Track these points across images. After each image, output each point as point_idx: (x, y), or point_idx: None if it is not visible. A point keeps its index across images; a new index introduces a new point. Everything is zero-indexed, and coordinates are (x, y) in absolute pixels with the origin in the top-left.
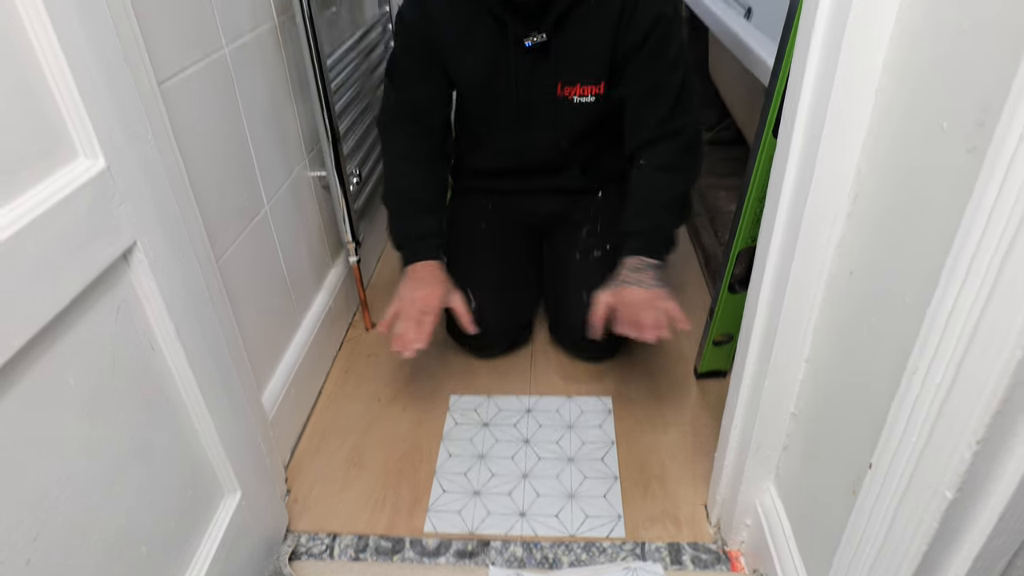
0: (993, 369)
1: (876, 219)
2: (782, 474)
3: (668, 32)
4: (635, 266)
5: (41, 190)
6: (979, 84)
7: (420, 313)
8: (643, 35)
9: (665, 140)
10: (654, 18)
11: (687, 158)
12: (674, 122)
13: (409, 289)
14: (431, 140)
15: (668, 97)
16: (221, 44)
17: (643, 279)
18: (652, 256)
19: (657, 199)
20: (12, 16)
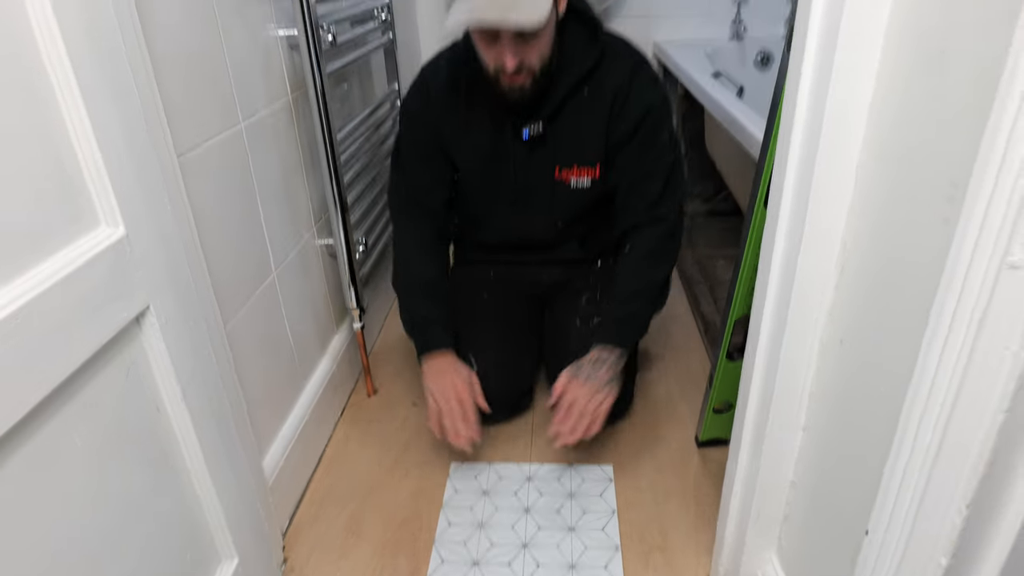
0: (977, 434)
1: (862, 289)
2: (784, 544)
3: (657, 121)
4: (597, 357)
5: (65, 255)
6: (948, 163)
7: (461, 407)
8: (634, 125)
9: (650, 226)
10: (644, 109)
11: (669, 244)
12: (660, 208)
13: (437, 385)
14: (436, 224)
15: (656, 185)
16: (238, 119)
17: (596, 374)
18: (619, 344)
19: (638, 288)
20: (47, 93)
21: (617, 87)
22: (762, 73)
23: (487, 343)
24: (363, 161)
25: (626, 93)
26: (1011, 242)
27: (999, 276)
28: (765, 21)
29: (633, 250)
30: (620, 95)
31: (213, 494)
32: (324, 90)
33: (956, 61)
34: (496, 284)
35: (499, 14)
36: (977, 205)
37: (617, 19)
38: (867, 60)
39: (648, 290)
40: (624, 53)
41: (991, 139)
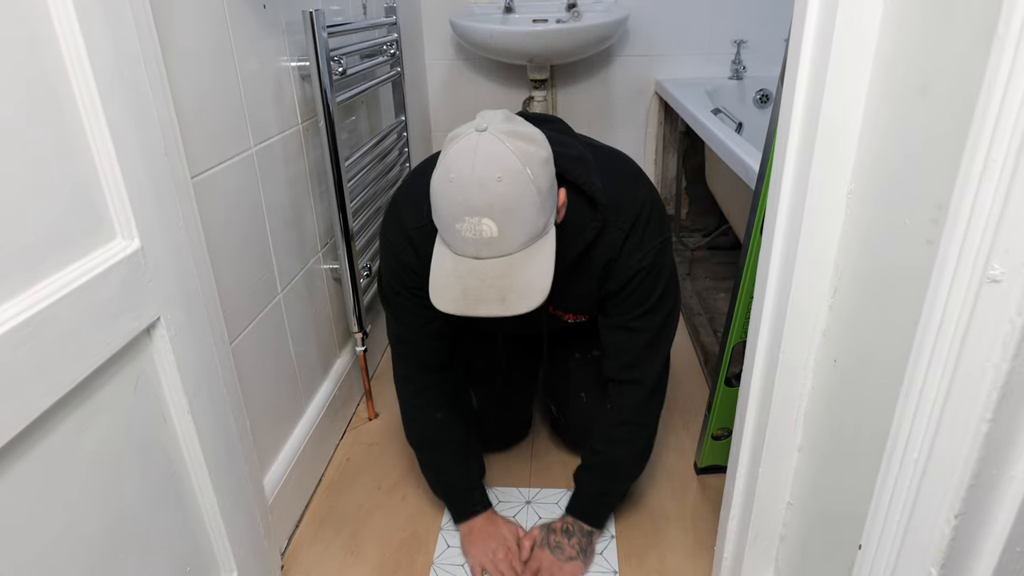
0: (963, 444)
1: (854, 309)
2: (781, 566)
3: (646, 281)
4: (565, 527)
5: (82, 265)
6: (932, 186)
7: (512, 571)
8: (621, 285)
9: (629, 386)
10: (631, 274)
11: (646, 413)
12: (639, 370)
13: (485, 554)
14: (447, 366)
15: (637, 342)
16: (249, 144)
17: (564, 545)
18: (589, 523)
19: (612, 462)
20: (73, 114)
21: (608, 258)
22: (761, 111)
23: (484, 378)
24: (369, 189)
25: (616, 259)
26: (990, 257)
27: (980, 290)
28: (764, 62)
29: (615, 412)
30: (610, 263)
31: (214, 505)
32: (333, 119)
33: (937, 94)
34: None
35: (498, 307)
36: (958, 222)
37: (619, 58)
38: (855, 94)
39: (624, 462)
40: (623, 215)
41: (970, 160)
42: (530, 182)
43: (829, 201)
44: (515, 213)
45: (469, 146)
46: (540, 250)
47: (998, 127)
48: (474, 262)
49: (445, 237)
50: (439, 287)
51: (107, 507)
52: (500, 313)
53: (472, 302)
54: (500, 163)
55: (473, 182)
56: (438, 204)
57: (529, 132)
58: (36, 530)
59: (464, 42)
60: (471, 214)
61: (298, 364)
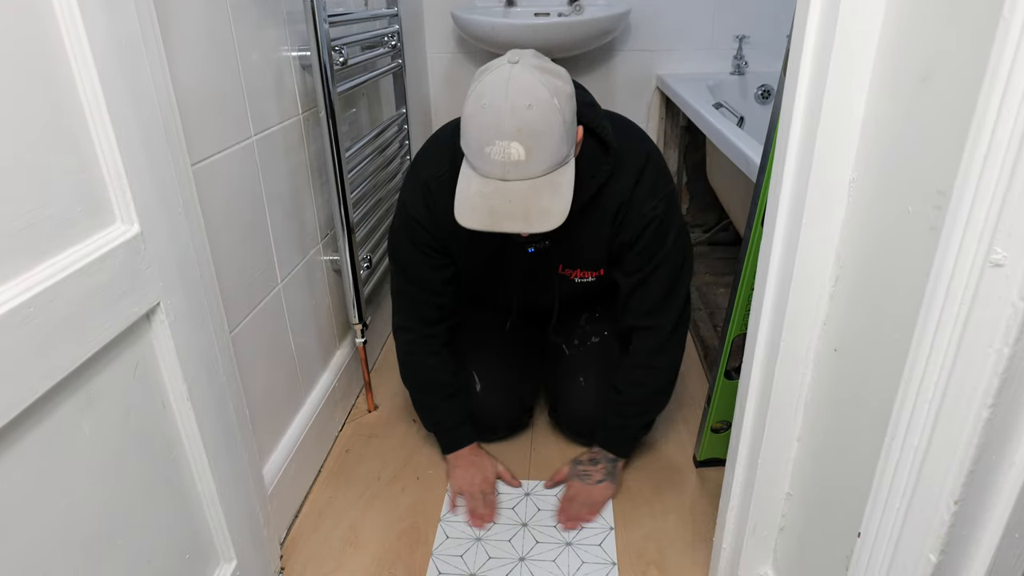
0: (963, 430)
1: (856, 298)
2: (779, 557)
3: (659, 231)
4: (592, 457)
5: (82, 248)
6: (935, 173)
7: (483, 494)
8: (634, 236)
9: (647, 332)
10: (645, 222)
11: (664, 354)
12: (657, 316)
13: (465, 478)
14: (444, 322)
15: (655, 292)
16: (250, 133)
17: (591, 472)
18: (613, 451)
19: (632, 400)
20: (72, 98)
21: (620, 201)
22: (762, 107)
23: (489, 363)
24: (370, 181)
25: (627, 205)
26: (993, 241)
27: (982, 274)
28: (766, 58)
29: (633, 355)
30: (622, 208)
31: (214, 493)
32: (334, 109)
33: (941, 81)
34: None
35: (521, 224)
36: (961, 206)
37: (621, 52)
38: (858, 82)
39: (640, 402)
40: (630, 161)
41: (973, 144)
42: (557, 111)
43: (831, 190)
44: (542, 139)
45: (502, 76)
46: (562, 176)
47: (1002, 111)
48: (500, 183)
49: (473, 161)
50: (465, 206)
51: (106, 492)
52: (523, 229)
53: (497, 218)
54: (531, 92)
55: (505, 108)
56: (469, 128)
57: (556, 68)
58: (34, 513)
59: (466, 35)
60: (501, 137)
61: (298, 355)
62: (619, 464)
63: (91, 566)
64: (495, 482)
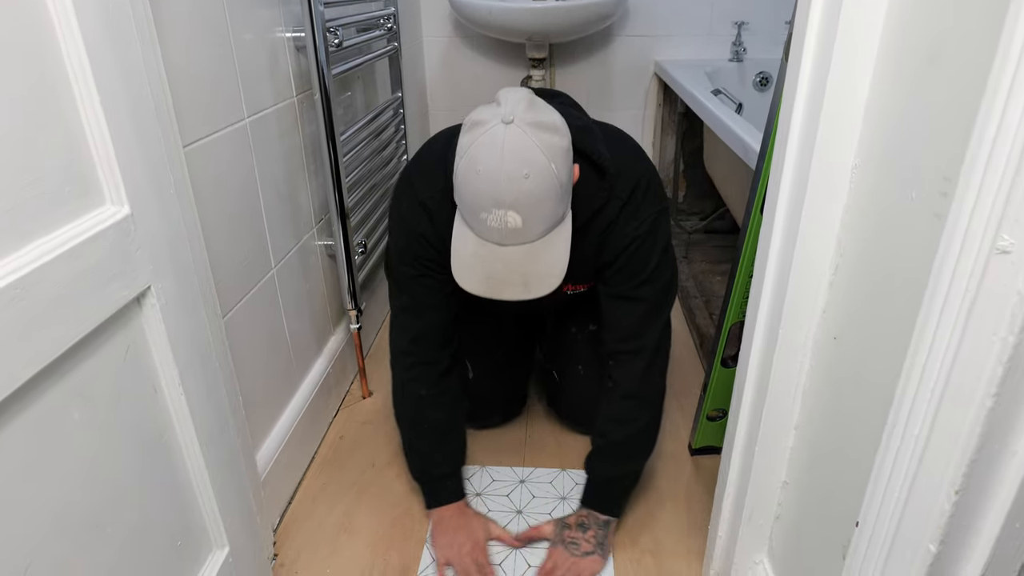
0: (966, 419)
1: (857, 286)
2: (775, 545)
3: (643, 249)
4: (580, 521)
5: (70, 229)
6: (941, 158)
7: (476, 565)
8: (617, 253)
9: (628, 357)
10: (627, 241)
11: (647, 385)
12: (637, 340)
13: (452, 547)
14: (447, 344)
15: (635, 311)
16: (243, 115)
17: (579, 541)
18: (604, 512)
19: (618, 442)
20: (60, 73)
21: (608, 223)
22: (761, 94)
23: (481, 349)
24: (365, 166)
25: (613, 226)
26: (1000, 227)
27: (989, 261)
28: (765, 44)
29: (614, 387)
30: (608, 228)
31: (206, 479)
32: (329, 91)
33: (948, 63)
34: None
35: (520, 292)
36: (968, 192)
37: (619, 38)
38: (862, 65)
39: (632, 441)
40: (622, 183)
41: (982, 128)
42: (554, 176)
43: (833, 176)
44: (539, 207)
45: (497, 140)
46: (559, 236)
47: (1012, 93)
48: (498, 248)
49: (469, 221)
50: (463, 267)
51: (96, 479)
52: (523, 297)
53: (496, 286)
54: (527, 159)
55: (501, 177)
56: (464, 193)
57: (552, 121)
58: (22, 500)
59: (462, 18)
60: (498, 207)
61: (292, 340)
62: (611, 528)
63: (81, 553)
64: (487, 548)
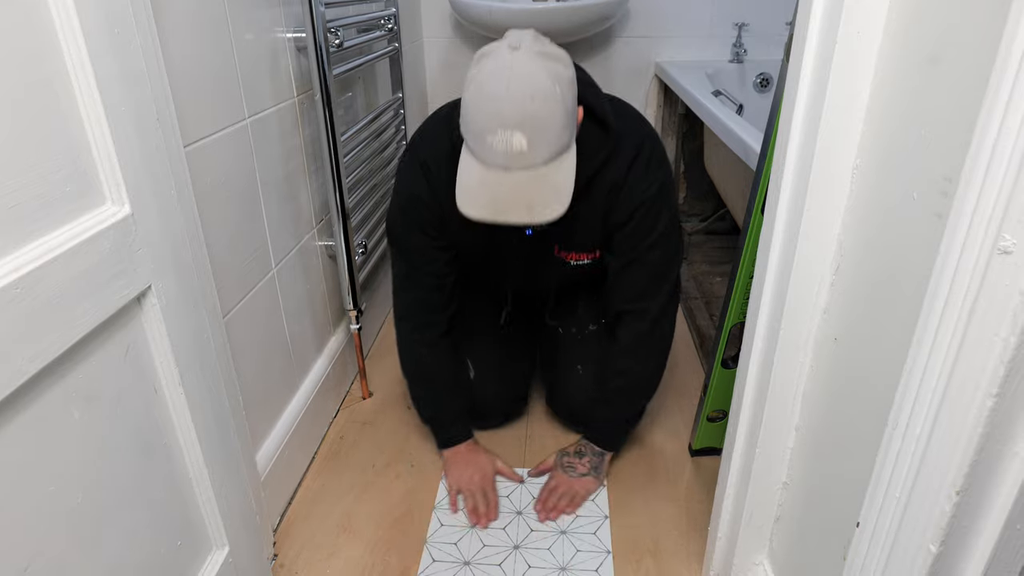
0: (967, 419)
1: (857, 287)
2: (775, 547)
3: (651, 213)
4: (578, 449)
5: (70, 229)
6: (943, 158)
7: (483, 492)
8: (627, 216)
9: (634, 317)
10: (636, 203)
11: (651, 339)
12: (644, 300)
13: (463, 476)
14: (445, 307)
15: (644, 274)
16: (244, 115)
17: (575, 464)
18: (600, 445)
19: (618, 389)
20: (61, 74)
21: (614, 181)
22: (761, 95)
23: (484, 350)
24: (365, 166)
25: (621, 186)
26: (1002, 228)
27: (990, 262)
28: (765, 46)
29: (618, 343)
30: (615, 188)
31: (206, 479)
32: (330, 91)
33: (950, 63)
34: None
35: (524, 215)
36: (970, 192)
37: (619, 39)
38: (864, 65)
39: (625, 391)
40: (627, 143)
41: (983, 128)
42: (559, 100)
43: (834, 176)
44: (544, 129)
45: (504, 63)
46: (564, 163)
47: (1014, 94)
48: (503, 173)
49: (474, 148)
50: (467, 195)
51: (96, 477)
52: (527, 220)
53: (501, 209)
54: (533, 81)
55: (507, 98)
56: (471, 117)
57: (557, 52)
58: (23, 499)
59: (462, 19)
60: (504, 127)
61: (292, 341)
62: (606, 458)
63: (81, 552)
64: (494, 479)
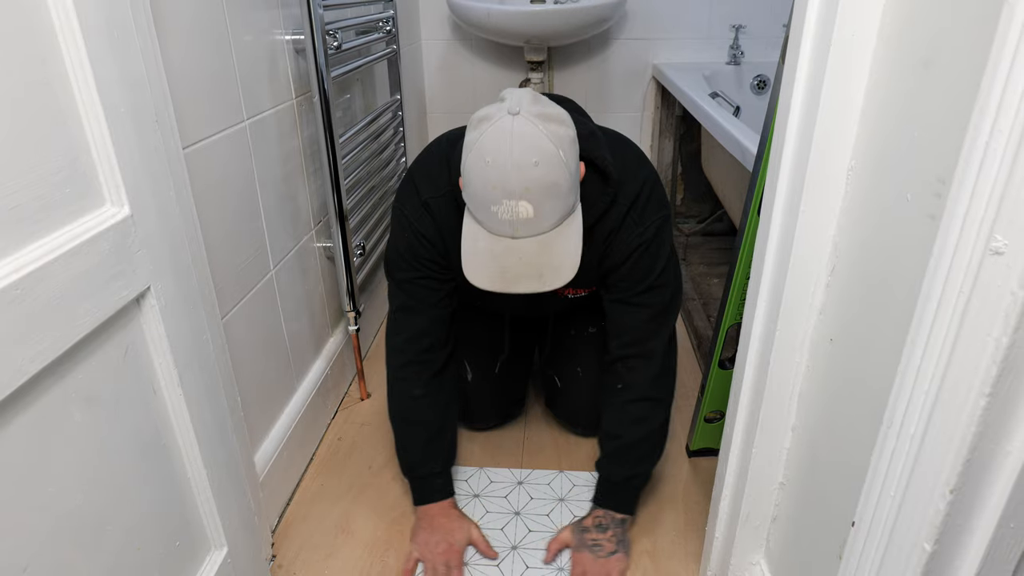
0: (960, 419)
1: (853, 288)
2: (772, 547)
3: (647, 256)
4: (599, 523)
5: (71, 229)
6: (936, 160)
7: (447, 567)
8: (623, 259)
9: (637, 362)
10: (632, 247)
11: (660, 387)
12: (646, 343)
13: (428, 544)
14: (442, 345)
15: (643, 317)
16: (242, 117)
17: (601, 543)
18: (620, 511)
19: (636, 443)
20: (61, 76)
21: (610, 230)
22: (758, 97)
23: (480, 352)
24: (363, 168)
25: (616, 233)
26: (994, 228)
27: (983, 262)
28: (762, 48)
29: (624, 391)
30: (613, 231)
31: (204, 480)
32: (328, 93)
33: (943, 66)
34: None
35: (535, 284)
36: (962, 193)
37: (617, 41)
38: (858, 69)
39: (644, 443)
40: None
41: (975, 130)
42: (563, 164)
43: (829, 178)
44: (550, 195)
45: (504, 130)
46: (571, 226)
47: (1005, 96)
48: (511, 241)
49: (480, 218)
50: (475, 265)
51: (96, 479)
52: (538, 289)
53: (511, 279)
54: (536, 147)
55: (511, 166)
56: (474, 187)
57: (557, 113)
58: (22, 498)
59: (460, 21)
60: (509, 197)
61: (290, 342)
62: (627, 525)
63: (80, 553)
64: (462, 552)
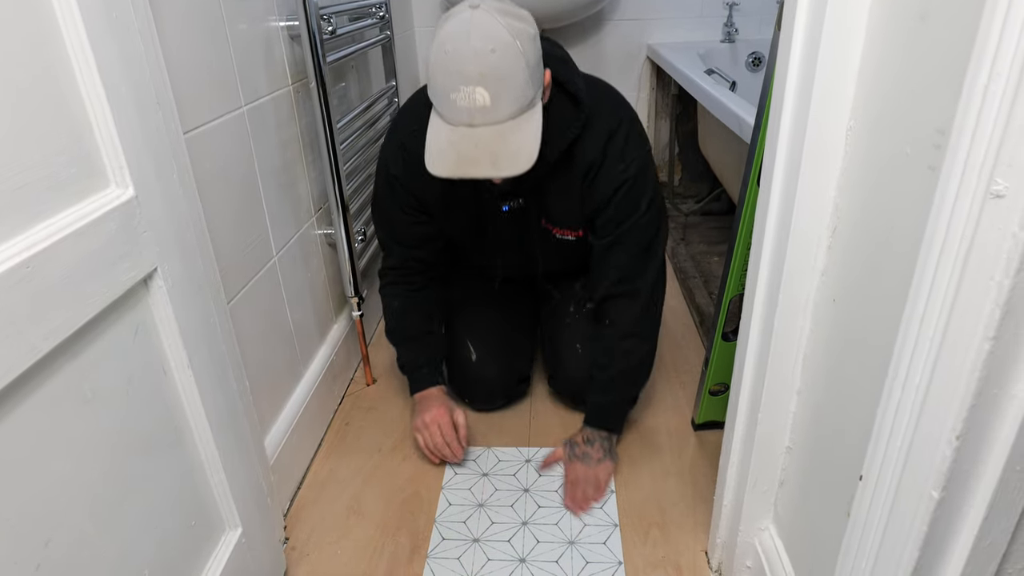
0: (965, 364)
1: (854, 247)
2: (780, 511)
3: (631, 194)
4: (586, 437)
5: (76, 211)
6: (934, 112)
7: (440, 431)
8: (606, 198)
9: (624, 300)
10: (616, 184)
11: (646, 323)
12: (632, 282)
13: (422, 416)
14: (424, 271)
15: (629, 255)
16: (240, 103)
17: (590, 453)
18: (608, 429)
19: (621, 373)
20: (63, 61)
21: (589, 163)
22: (753, 74)
23: (484, 331)
24: (361, 155)
25: (597, 169)
26: (994, 172)
27: (984, 206)
28: (756, 25)
29: (611, 327)
30: (591, 170)
31: (217, 460)
32: (324, 78)
33: (938, 19)
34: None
35: (489, 169)
36: (962, 139)
37: (610, 22)
38: (854, 27)
39: (628, 373)
40: (602, 120)
41: (974, 75)
42: (520, 54)
43: (828, 139)
44: (506, 83)
45: (463, 20)
46: (528, 120)
47: (1003, 40)
48: (467, 129)
49: (440, 109)
50: (434, 154)
51: (110, 456)
52: (491, 174)
53: (465, 164)
54: (493, 36)
55: (468, 53)
56: (434, 75)
57: (519, 11)
58: (39, 477)
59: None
60: (466, 83)
61: (295, 328)
62: (614, 439)
63: (99, 529)
64: (450, 421)
